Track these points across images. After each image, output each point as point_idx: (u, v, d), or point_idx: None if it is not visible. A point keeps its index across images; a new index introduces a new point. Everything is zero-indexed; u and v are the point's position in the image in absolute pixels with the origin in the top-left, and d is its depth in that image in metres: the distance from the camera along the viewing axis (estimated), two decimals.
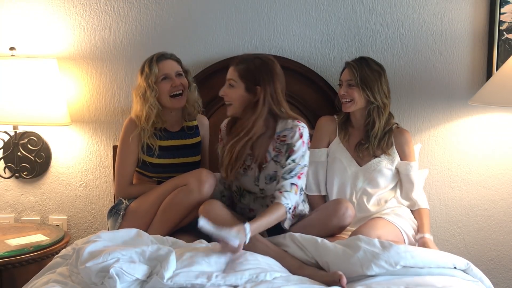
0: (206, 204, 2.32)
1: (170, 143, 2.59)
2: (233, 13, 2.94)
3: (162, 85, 2.52)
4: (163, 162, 2.56)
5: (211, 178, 2.41)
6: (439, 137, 2.98)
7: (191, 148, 2.64)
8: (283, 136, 2.37)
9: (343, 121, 2.66)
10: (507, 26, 2.85)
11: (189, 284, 1.86)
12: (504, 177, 2.98)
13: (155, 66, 2.52)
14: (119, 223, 2.48)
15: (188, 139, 2.65)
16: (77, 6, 2.95)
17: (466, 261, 2.12)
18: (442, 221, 3.03)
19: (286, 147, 2.35)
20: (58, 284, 1.92)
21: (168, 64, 2.55)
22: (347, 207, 2.33)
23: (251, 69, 2.32)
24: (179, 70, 2.58)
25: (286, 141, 2.35)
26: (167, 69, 2.53)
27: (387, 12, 2.92)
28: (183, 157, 2.61)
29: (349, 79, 2.56)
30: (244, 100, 2.34)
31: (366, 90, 2.54)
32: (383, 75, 2.59)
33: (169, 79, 2.53)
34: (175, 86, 2.53)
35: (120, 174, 2.57)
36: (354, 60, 2.61)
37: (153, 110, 2.50)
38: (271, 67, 2.35)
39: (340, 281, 1.98)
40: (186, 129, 2.65)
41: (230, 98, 2.35)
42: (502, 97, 2.57)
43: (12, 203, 3.08)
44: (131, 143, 2.53)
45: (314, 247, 2.16)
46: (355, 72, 2.54)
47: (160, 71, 2.52)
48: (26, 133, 2.99)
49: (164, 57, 2.56)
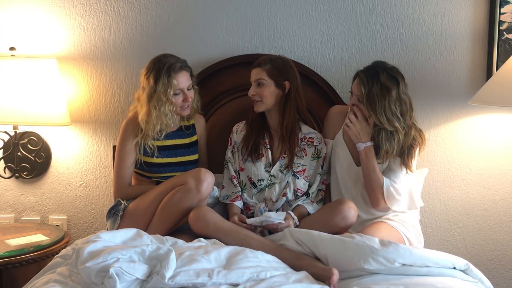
0: (196, 210, 2.36)
1: (168, 143, 2.60)
2: (233, 13, 2.94)
3: (175, 98, 2.52)
4: (161, 162, 2.57)
5: (209, 177, 2.42)
6: (439, 137, 2.98)
7: (188, 147, 2.65)
8: (310, 138, 2.61)
9: None
10: (507, 26, 2.85)
11: (190, 283, 1.86)
12: (504, 177, 2.98)
13: (174, 78, 2.49)
14: (117, 223, 2.48)
15: (185, 138, 2.66)
16: (77, 6, 2.95)
17: (465, 262, 2.12)
18: (442, 221, 3.03)
19: (313, 150, 2.60)
20: (58, 284, 1.93)
21: (185, 78, 2.54)
22: (350, 207, 2.35)
23: (277, 67, 2.55)
24: (191, 83, 2.58)
25: (313, 143, 2.61)
26: (182, 84, 2.52)
27: (387, 12, 2.92)
28: (180, 156, 2.62)
29: (357, 94, 2.47)
30: (275, 95, 2.56)
31: (370, 111, 2.42)
32: (393, 91, 2.37)
33: (182, 94, 2.54)
34: (187, 101, 2.54)
35: (118, 175, 2.57)
36: (366, 69, 2.46)
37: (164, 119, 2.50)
38: (291, 65, 2.61)
39: (330, 278, 1.98)
40: (184, 129, 2.66)
41: (261, 95, 2.54)
42: (502, 97, 2.57)
43: (12, 203, 3.08)
44: (129, 144, 2.53)
45: (311, 240, 2.17)
46: (363, 89, 2.41)
47: (176, 84, 2.50)
48: (26, 133, 2.99)
49: (180, 68, 2.52)
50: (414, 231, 2.51)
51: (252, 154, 2.58)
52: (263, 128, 2.62)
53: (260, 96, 2.54)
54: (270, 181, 2.56)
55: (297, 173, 2.56)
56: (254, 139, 2.59)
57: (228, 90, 2.90)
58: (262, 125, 2.62)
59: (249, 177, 2.59)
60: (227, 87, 2.90)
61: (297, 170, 2.57)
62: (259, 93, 2.54)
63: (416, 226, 2.56)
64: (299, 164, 2.57)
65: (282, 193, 2.56)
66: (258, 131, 2.61)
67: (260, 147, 2.59)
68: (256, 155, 2.58)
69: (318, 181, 2.59)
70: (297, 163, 2.56)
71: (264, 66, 2.54)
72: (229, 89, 2.90)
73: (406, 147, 2.46)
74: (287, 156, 2.56)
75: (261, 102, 2.55)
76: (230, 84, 2.89)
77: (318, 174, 2.59)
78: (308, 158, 2.58)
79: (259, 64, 2.56)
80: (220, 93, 2.90)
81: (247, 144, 2.59)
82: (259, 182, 2.57)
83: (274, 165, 2.57)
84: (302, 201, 2.53)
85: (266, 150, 2.59)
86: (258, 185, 2.57)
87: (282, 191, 2.56)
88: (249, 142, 2.59)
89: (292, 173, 2.56)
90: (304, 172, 2.57)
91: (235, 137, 2.66)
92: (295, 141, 2.56)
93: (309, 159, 2.59)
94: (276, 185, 2.56)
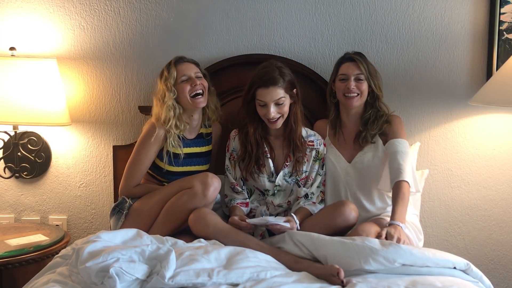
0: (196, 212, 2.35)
1: (186, 151, 2.58)
2: (233, 13, 2.94)
3: (182, 86, 2.53)
4: (173, 170, 2.56)
5: (216, 182, 2.41)
6: (439, 137, 2.98)
7: (202, 156, 2.65)
8: (310, 141, 2.56)
9: (334, 120, 2.66)
10: (507, 26, 2.85)
11: (190, 283, 1.86)
12: (504, 177, 2.98)
13: (174, 68, 2.53)
14: (121, 222, 2.48)
15: (201, 147, 2.65)
16: (77, 6, 2.95)
17: (466, 261, 2.12)
18: (442, 221, 3.03)
19: (314, 153, 2.55)
20: (58, 284, 1.93)
21: (187, 66, 2.56)
22: (351, 208, 2.35)
23: (287, 79, 2.46)
24: (198, 71, 2.59)
25: (314, 146, 2.56)
26: (186, 70, 2.54)
27: (387, 12, 2.92)
28: (193, 165, 2.61)
29: (359, 73, 2.55)
30: (289, 106, 2.49)
31: (373, 81, 2.56)
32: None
33: (189, 80, 2.54)
34: (195, 85, 2.52)
35: (130, 174, 2.54)
36: (352, 53, 2.61)
37: (171, 111, 2.50)
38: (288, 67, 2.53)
39: (338, 274, 1.99)
40: (203, 135, 2.66)
41: (282, 112, 2.46)
42: (502, 97, 2.57)
43: (12, 203, 3.08)
44: (150, 146, 2.51)
45: (311, 241, 2.17)
46: (364, 65, 2.55)
47: (179, 72, 2.53)
48: (26, 133, 2.99)
49: (182, 60, 2.58)
50: (413, 228, 2.51)
51: (253, 173, 2.52)
52: (260, 138, 2.54)
53: (280, 113, 2.45)
54: (276, 190, 2.55)
55: (300, 181, 2.54)
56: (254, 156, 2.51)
57: (228, 90, 2.90)
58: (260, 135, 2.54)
59: (255, 186, 2.57)
60: (227, 87, 2.90)
61: (301, 177, 2.54)
62: (279, 112, 2.44)
63: (415, 223, 2.56)
64: (302, 171, 2.55)
65: (287, 201, 2.55)
66: (257, 145, 2.52)
67: (261, 157, 2.53)
68: (257, 167, 2.52)
69: (318, 181, 2.57)
70: (300, 170, 2.54)
71: (279, 84, 2.41)
72: (229, 89, 2.90)
73: (383, 122, 2.57)
74: (291, 163, 2.53)
75: (281, 118, 2.46)
76: (230, 84, 2.89)
77: (318, 175, 2.58)
78: (310, 162, 2.57)
79: (273, 83, 2.41)
80: (220, 93, 2.90)
81: (247, 165, 2.51)
82: (266, 191, 2.56)
83: (278, 174, 2.54)
84: (303, 202, 2.51)
85: (267, 160, 2.54)
86: (266, 194, 2.56)
87: (287, 198, 2.55)
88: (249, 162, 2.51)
89: (295, 181, 2.54)
90: (306, 179, 2.56)
91: (233, 144, 2.60)
92: (304, 148, 2.53)
93: (311, 163, 2.57)
94: (282, 192, 2.55)
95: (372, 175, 2.55)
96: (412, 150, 2.81)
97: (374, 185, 2.55)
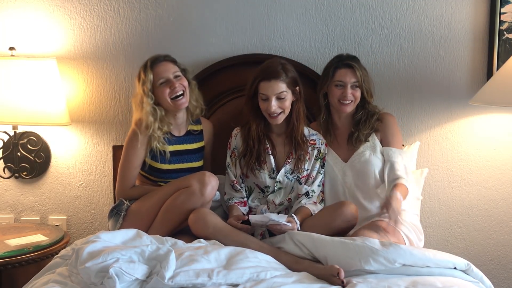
0: (196, 212, 2.34)
1: (175, 148, 2.58)
2: (233, 13, 2.94)
3: (161, 90, 2.49)
4: (166, 168, 2.55)
5: (213, 180, 2.40)
6: (439, 137, 2.98)
7: (194, 153, 2.64)
8: (312, 140, 2.57)
9: (325, 122, 2.65)
10: (507, 26, 2.85)
11: (190, 283, 1.86)
12: (504, 177, 2.98)
13: (150, 72, 2.48)
14: (120, 223, 2.47)
15: (192, 143, 2.64)
16: (77, 6, 2.95)
17: (466, 262, 2.12)
18: (442, 221, 3.03)
19: (316, 151, 2.57)
20: (58, 284, 1.92)
21: (164, 67, 2.51)
22: (352, 209, 2.34)
23: (290, 75, 2.48)
24: (176, 71, 2.53)
25: (316, 145, 2.57)
26: (163, 73, 2.50)
27: (387, 12, 2.92)
28: (186, 162, 2.60)
29: (355, 81, 2.55)
30: (291, 103, 2.49)
31: (366, 88, 2.56)
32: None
33: (167, 82, 2.50)
34: (174, 88, 2.49)
35: (123, 176, 2.55)
36: (346, 58, 2.58)
37: (150, 117, 2.47)
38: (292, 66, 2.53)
39: (338, 274, 1.99)
40: (192, 132, 2.65)
41: (283, 107, 2.47)
42: (502, 97, 2.57)
43: (12, 203, 3.08)
44: (139, 146, 2.50)
45: (311, 241, 2.17)
46: (360, 72, 2.55)
47: (156, 76, 2.49)
48: (25, 133, 2.99)
49: (158, 60, 2.52)
50: (414, 228, 2.51)
51: (254, 169, 2.53)
52: (262, 135, 2.54)
53: (282, 108, 2.46)
54: (276, 187, 2.55)
55: (302, 178, 2.55)
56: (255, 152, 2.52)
57: (228, 90, 2.90)
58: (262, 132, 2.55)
59: (255, 183, 2.57)
60: (227, 87, 2.90)
61: (302, 175, 2.55)
62: (280, 106, 2.45)
63: (415, 223, 2.55)
64: (304, 169, 2.55)
65: (287, 198, 2.55)
66: (258, 141, 2.53)
67: (262, 153, 2.53)
68: (258, 163, 2.52)
69: (319, 179, 2.57)
70: (301, 168, 2.54)
71: (281, 78, 2.43)
72: (229, 89, 2.90)
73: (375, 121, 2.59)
74: (293, 161, 2.53)
75: (282, 113, 2.47)
76: (230, 84, 2.89)
77: (319, 173, 2.58)
78: (312, 160, 2.57)
79: (275, 76, 2.43)
80: (220, 93, 2.90)
81: (248, 160, 2.52)
82: (266, 188, 2.56)
83: (279, 171, 2.54)
84: (304, 201, 2.50)
85: (268, 156, 2.54)
86: (266, 191, 2.56)
87: (288, 196, 2.55)
88: (250, 158, 2.53)
89: (297, 178, 2.55)
90: (307, 177, 2.56)
91: (234, 142, 2.60)
92: (306, 146, 2.53)
93: (313, 161, 2.57)
94: (282, 190, 2.55)
95: (370, 174, 2.54)
96: (412, 150, 2.81)
97: (372, 184, 2.55)
